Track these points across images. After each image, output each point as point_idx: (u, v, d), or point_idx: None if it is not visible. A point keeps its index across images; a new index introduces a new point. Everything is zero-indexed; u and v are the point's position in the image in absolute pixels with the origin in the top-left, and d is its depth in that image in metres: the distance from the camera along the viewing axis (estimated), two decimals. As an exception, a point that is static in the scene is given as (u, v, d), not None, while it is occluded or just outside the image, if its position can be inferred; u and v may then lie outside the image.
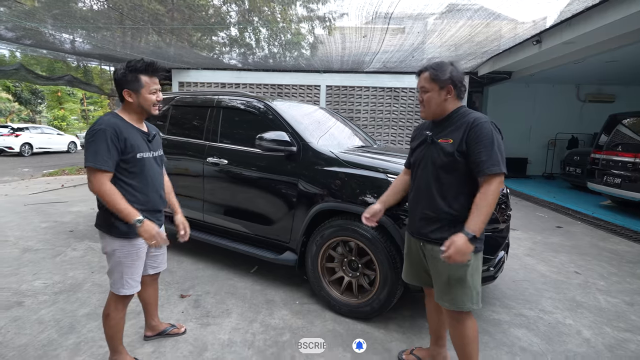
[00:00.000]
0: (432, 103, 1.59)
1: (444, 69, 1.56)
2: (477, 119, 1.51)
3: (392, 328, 2.37)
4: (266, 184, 2.82)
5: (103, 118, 1.63)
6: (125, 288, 1.72)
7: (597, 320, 2.58)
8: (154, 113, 1.73)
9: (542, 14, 5.68)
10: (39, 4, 5.75)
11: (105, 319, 1.76)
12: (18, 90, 25.71)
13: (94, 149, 1.54)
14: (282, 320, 2.41)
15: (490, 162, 1.43)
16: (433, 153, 1.60)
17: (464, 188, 1.55)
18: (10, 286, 2.77)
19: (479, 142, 1.46)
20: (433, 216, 1.60)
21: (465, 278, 1.55)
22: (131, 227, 1.62)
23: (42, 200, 6.03)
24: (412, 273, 1.83)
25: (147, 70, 1.64)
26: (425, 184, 1.63)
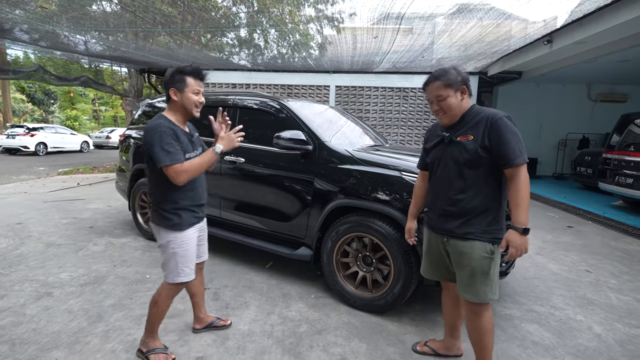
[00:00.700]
0: (453, 107, 1.64)
1: (451, 72, 1.63)
2: (495, 114, 1.57)
3: (405, 321, 2.44)
4: (282, 182, 2.91)
5: (159, 121, 1.74)
6: (181, 276, 1.84)
7: (608, 316, 2.62)
8: (195, 114, 1.84)
9: (553, 14, 5.69)
10: (56, 7, 5.92)
11: (153, 305, 1.88)
12: (32, 91, 26.26)
13: (163, 149, 1.67)
14: (298, 313, 2.49)
15: (516, 154, 1.50)
16: (454, 151, 1.64)
17: (487, 181, 1.60)
18: (38, 278, 2.90)
19: (502, 135, 1.51)
20: (456, 211, 1.65)
21: (489, 271, 1.61)
22: (184, 220, 1.81)
23: (60, 197, 6.21)
24: (432, 268, 1.88)
25: (192, 73, 1.80)
26: (446, 181, 1.68)
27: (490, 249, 1.60)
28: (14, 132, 14.92)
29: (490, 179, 1.60)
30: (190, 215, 1.86)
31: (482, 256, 1.60)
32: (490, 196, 1.60)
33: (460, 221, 1.64)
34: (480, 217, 1.61)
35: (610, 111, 9.87)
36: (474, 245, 1.61)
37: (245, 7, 9.23)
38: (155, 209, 1.84)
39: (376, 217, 2.45)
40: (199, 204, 1.92)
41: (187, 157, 1.77)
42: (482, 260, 1.60)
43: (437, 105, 1.67)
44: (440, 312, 2.56)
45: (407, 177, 2.38)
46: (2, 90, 19.84)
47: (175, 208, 1.81)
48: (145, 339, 1.95)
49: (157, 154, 1.67)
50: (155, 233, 1.88)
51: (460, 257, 1.67)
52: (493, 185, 1.60)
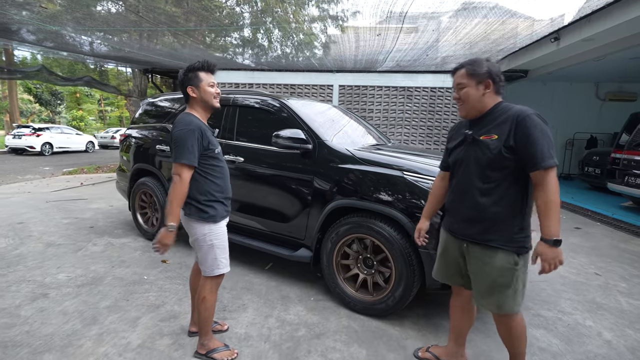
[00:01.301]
0: (471, 98, 1.53)
1: (481, 63, 1.52)
2: (523, 111, 1.44)
3: (407, 326, 2.37)
4: (282, 182, 2.85)
5: (189, 119, 1.79)
6: (220, 267, 1.88)
7: (618, 322, 2.52)
8: (216, 105, 1.89)
9: (560, 11, 5.57)
10: (61, 7, 5.93)
11: (202, 303, 1.89)
12: (39, 92, 26.56)
13: (186, 147, 1.72)
14: (297, 316, 2.43)
15: (544, 155, 1.37)
16: (477, 152, 1.53)
17: (513, 185, 1.48)
18: (36, 279, 2.87)
19: (529, 135, 1.39)
20: (477, 216, 1.54)
21: (511, 283, 1.50)
22: (218, 212, 1.86)
23: (63, 197, 6.21)
24: (445, 272, 1.78)
25: (203, 67, 1.84)
26: (468, 183, 1.57)
27: (514, 259, 1.49)
28: (20, 132, 15.04)
29: (517, 183, 1.48)
30: (223, 207, 1.90)
31: (505, 267, 1.49)
32: (515, 201, 1.48)
33: (481, 227, 1.53)
34: (504, 223, 1.49)
35: (619, 110, 9.69)
36: (497, 254, 1.50)
37: (249, 7, 9.20)
38: (189, 202, 1.84)
39: (377, 218, 2.38)
40: (228, 196, 1.97)
41: (216, 151, 1.86)
42: (504, 272, 1.49)
43: (456, 92, 1.58)
44: (444, 317, 2.49)
45: (409, 177, 2.31)
46: (9, 91, 20.04)
47: (210, 200, 1.84)
48: (202, 341, 1.95)
49: (182, 149, 1.72)
50: (188, 228, 1.89)
51: (480, 266, 1.56)
52: (519, 190, 1.48)
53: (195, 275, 2.12)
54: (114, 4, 6.96)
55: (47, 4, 5.77)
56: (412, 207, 2.24)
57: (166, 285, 2.83)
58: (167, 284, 2.86)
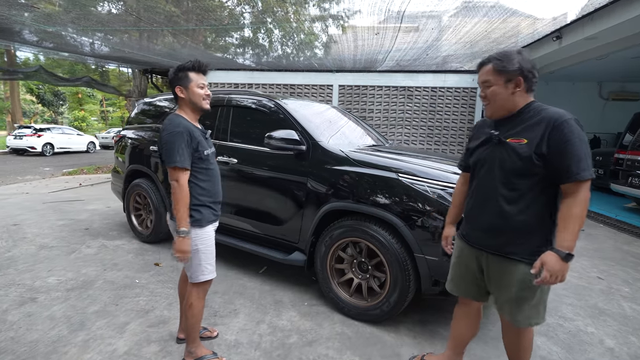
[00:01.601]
0: (498, 98, 1.39)
1: (511, 58, 1.35)
2: (560, 115, 1.29)
3: (402, 332, 2.30)
4: (275, 183, 2.79)
5: (177, 121, 1.74)
6: (204, 274, 1.82)
7: (621, 328, 2.45)
8: (205, 107, 1.83)
9: (563, 10, 5.49)
10: (60, 7, 5.90)
11: (189, 309, 1.84)
12: (41, 93, 26.61)
13: (175, 150, 1.67)
14: (289, 322, 2.37)
15: (580, 167, 1.24)
16: (502, 155, 1.40)
17: (541, 194, 1.36)
18: (25, 282, 2.82)
19: (566, 143, 1.25)
20: (499, 225, 1.42)
21: (534, 297, 1.41)
22: (204, 216, 1.80)
23: (60, 198, 6.18)
24: (459, 283, 1.67)
25: (194, 68, 1.78)
26: (491, 189, 1.44)
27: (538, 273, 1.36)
28: (21, 132, 15.07)
29: (546, 192, 1.36)
30: (210, 212, 1.84)
31: (529, 280, 1.37)
32: (543, 212, 1.36)
33: (503, 238, 1.42)
34: (528, 235, 1.38)
35: (623, 110, 9.57)
36: (518, 267, 1.40)
37: (250, 7, 9.16)
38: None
39: (372, 221, 2.32)
40: (217, 200, 1.91)
41: (206, 153, 1.80)
42: (527, 284, 1.38)
43: (482, 91, 1.44)
44: (441, 323, 2.43)
45: (404, 179, 2.24)
46: (10, 92, 20.11)
47: (197, 204, 1.79)
48: (189, 348, 1.89)
49: (172, 152, 1.67)
50: (174, 232, 1.82)
51: (500, 278, 1.46)
52: (547, 199, 1.36)
53: (184, 281, 2.07)
54: (114, 5, 6.93)
55: (45, 5, 5.74)
56: (408, 210, 2.18)
57: (157, 289, 2.78)
58: (158, 287, 2.80)
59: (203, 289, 1.88)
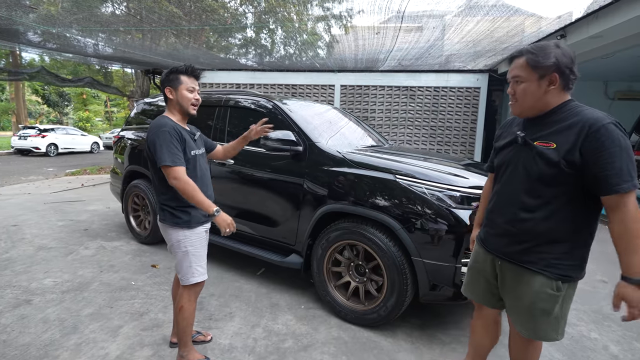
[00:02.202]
0: (529, 96, 1.26)
1: (547, 52, 1.21)
2: (598, 119, 1.14)
3: (400, 337, 2.26)
4: (272, 185, 2.76)
5: (162, 121, 1.74)
6: (194, 276, 1.80)
7: (626, 334, 2.38)
8: (192, 112, 1.83)
9: (568, 9, 5.41)
10: (62, 9, 5.91)
11: (180, 312, 1.82)
12: (46, 93, 26.83)
13: (166, 149, 1.66)
14: (285, 326, 2.33)
15: (621, 178, 1.10)
16: (527, 159, 1.28)
17: (567, 205, 1.23)
18: (21, 284, 2.81)
19: (604, 150, 1.12)
20: (518, 233, 1.32)
21: (552, 310, 1.29)
22: (192, 217, 1.79)
23: (62, 199, 6.19)
24: (473, 289, 1.58)
25: (186, 71, 1.80)
26: (512, 194, 1.34)
27: (557, 285, 1.26)
28: (26, 133, 15.16)
29: (574, 202, 1.23)
30: (199, 213, 1.83)
31: (546, 292, 1.27)
32: (568, 223, 1.24)
33: (521, 246, 1.32)
34: (549, 246, 1.27)
35: (629, 109, 9.43)
36: (535, 279, 1.30)
37: (253, 7, 9.15)
38: (162, 207, 1.80)
39: (369, 223, 2.27)
40: None
41: (192, 154, 1.79)
42: (544, 297, 1.28)
43: (512, 87, 1.31)
44: (440, 327, 2.38)
45: (402, 181, 2.19)
46: (15, 92, 20.28)
47: (184, 205, 1.77)
48: (181, 352, 1.86)
49: (160, 153, 1.66)
50: (164, 234, 1.84)
51: (516, 287, 1.36)
52: (575, 210, 1.23)
53: (177, 284, 2.03)
54: (117, 6, 6.94)
55: (47, 6, 5.75)
56: (405, 212, 2.13)
57: (153, 291, 2.75)
58: (154, 290, 2.78)
59: (194, 292, 1.84)
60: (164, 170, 1.68)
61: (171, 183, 1.68)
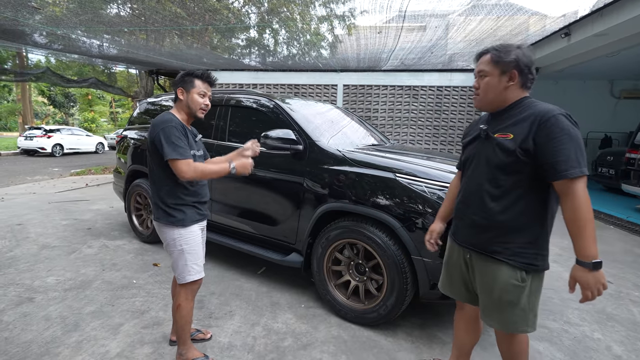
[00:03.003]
0: (490, 90, 1.36)
1: (509, 50, 1.33)
2: (549, 111, 1.24)
3: (400, 336, 2.25)
4: (273, 183, 2.76)
5: (168, 117, 1.75)
6: (191, 274, 1.80)
7: (630, 335, 2.35)
8: (199, 115, 1.85)
9: (573, 8, 5.36)
10: (67, 10, 5.95)
11: (177, 310, 1.82)
12: (52, 94, 27.08)
13: (172, 143, 1.67)
14: (285, 325, 2.33)
15: (569, 164, 1.17)
16: (488, 150, 1.36)
17: (529, 192, 1.30)
18: (24, 282, 2.83)
19: (554, 138, 1.20)
20: (484, 224, 1.37)
21: (518, 301, 1.33)
22: (187, 216, 1.78)
23: (66, 198, 6.24)
24: (450, 284, 1.61)
25: (202, 76, 1.83)
26: (476, 185, 1.41)
27: (521, 276, 1.31)
28: (31, 133, 15.31)
29: (533, 190, 1.29)
30: (194, 211, 1.83)
31: (511, 283, 1.31)
32: (530, 211, 1.30)
33: (487, 236, 1.36)
34: (512, 235, 1.32)
35: (635, 108, 9.35)
36: (500, 268, 1.34)
37: (256, 8, 9.16)
38: (157, 205, 1.80)
39: (369, 222, 2.27)
40: (203, 201, 1.89)
41: (192, 153, 1.77)
42: (509, 288, 1.32)
43: (476, 82, 1.41)
44: (440, 327, 2.36)
45: (402, 179, 2.19)
46: (22, 93, 20.49)
47: (179, 204, 1.77)
48: (180, 350, 1.87)
49: (167, 147, 1.66)
50: (159, 232, 1.83)
51: (484, 279, 1.40)
52: (535, 198, 1.30)
53: (176, 282, 2.03)
54: (122, 7, 6.98)
55: (51, 7, 5.80)
56: (405, 211, 2.12)
57: (154, 289, 2.76)
58: (155, 288, 2.79)
59: (191, 290, 1.84)
60: (171, 164, 1.67)
61: (183, 177, 1.67)
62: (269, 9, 8.53)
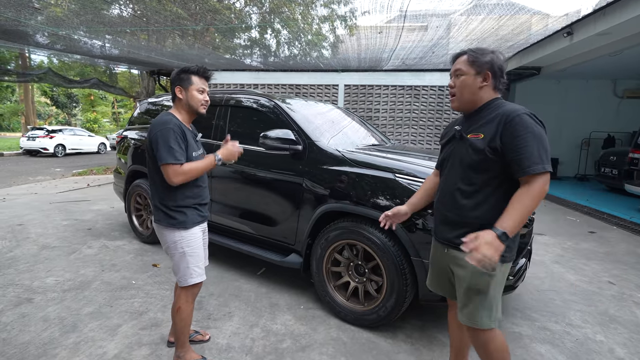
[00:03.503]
0: (465, 89, 1.41)
1: (484, 52, 1.39)
2: (514, 111, 1.30)
3: (400, 338, 2.22)
4: (272, 184, 2.74)
5: (166, 118, 1.71)
6: (192, 277, 1.78)
7: (633, 337, 2.32)
8: (201, 111, 1.82)
9: (575, 8, 5.33)
10: (69, 11, 5.96)
11: (177, 313, 1.80)
12: (55, 95, 27.16)
13: (167, 147, 1.64)
14: (284, 326, 2.31)
15: (532, 160, 1.23)
16: (462, 150, 1.42)
17: (498, 190, 1.35)
18: (24, 282, 2.83)
19: (517, 136, 1.26)
20: (458, 220, 1.42)
21: (487, 290, 1.36)
22: (189, 218, 1.77)
23: (67, 199, 6.25)
24: (437, 282, 1.63)
25: (198, 72, 1.79)
26: (451, 183, 1.46)
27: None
28: (34, 134, 15.36)
29: (503, 188, 1.34)
30: (196, 213, 1.81)
31: (479, 271, 1.33)
32: (498, 208, 1.31)
33: (460, 231, 1.39)
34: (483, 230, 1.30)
35: (638, 108, 9.29)
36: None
37: (258, 8, 9.15)
38: (158, 207, 1.77)
39: (368, 223, 2.25)
40: (204, 202, 1.87)
41: (195, 155, 1.77)
42: (478, 276, 1.36)
43: (452, 81, 1.46)
44: (441, 328, 2.34)
45: (402, 180, 2.17)
46: (24, 94, 20.58)
47: (180, 206, 1.75)
48: (178, 353, 1.86)
49: (161, 151, 1.63)
50: (160, 235, 1.80)
51: (458, 272, 1.43)
52: (505, 196, 1.32)
53: None
54: (124, 8, 6.99)
55: (53, 8, 5.81)
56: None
57: (153, 290, 2.75)
58: (154, 289, 2.78)
59: (192, 293, 1.83)
60: (163, 169, 1.65)
61: (172, 182, 1.65)
62: (270, 9, 8.52)
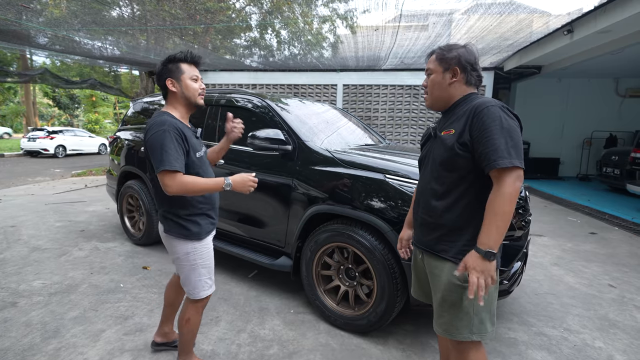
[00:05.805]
0: (436, 87, 1.36)
1: (452, 48, 1.34)
2: (483, 103, 1.22)
3: (391, 344, 2.16)
4: (261, 185, 2.67)
5: (162, 119, 1.52)
6: (205, 289, 1.68)
7: (633, 342, 2.24)
8: (200, 102, 1.65)
9: (577, 6, 5.24)
10: (69, 12, 5.93)
11: (186, 324, 1.71)
12: (57, 96, 27.24)
13: (162, 153, 1.46)
14: (272, 331, 2.25)
15: (499, 153, 1.13)
16: (435, 149, 1.36)
17: (469, 190, 1.26)
18: (10, 286, 2.78)
19: (485, 129, 1.17)
20: (431, 222, 1.34)
21: (460, 303, 1.26)
22: (202, 228, 1.63)
23: (63, 200, 6.22)
24: (419, 288, 1.55)
25: (186, 59, 1.61)
26: (425, 183, 1.39)
27: (463, 276, 1.22)
28: (35, 135, 15.38)
29: (475, 187, 1.26)
30: (208, 221, 1.68)
31: (452, 282, 1.26)
32: (472, 208, 1.26)
33: (435, 234, 1.33)
34: (457, 233, 1.28)
35: (641, 107, 9.16)
36: (445, 266, 1.30)
37: (258, 9, 9.11)
38: (167, 217, 1.62)
39: (358, 225, 2.18)
40: (215, 206, 1.74)
41: (198, 155, 1.62)
42: (450, 287, 1.27)
43: (425, 80, 1.42)
44: (434, 335, 2.27)
45: (392, 181, 2.10)
46: (25, 95, 20.64)
47: (193, 214, 1.61)
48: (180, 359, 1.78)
49: (156, 157, 1.46)
50: (169, 245, 1.66)
51: (433, 280, 1.35)
52: (478, 195, 1.25)
53: (172, 288, 1.94)
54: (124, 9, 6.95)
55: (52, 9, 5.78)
56: (395, 214, 2.03)
57: (141, 294, 2.70)
58: (142, 292, 2.72)
59: (202, 305, 1.72)
60: (158, 177, 1.48)
61: (166, 191, 1.47)
62: (270, 9, 8.47)
